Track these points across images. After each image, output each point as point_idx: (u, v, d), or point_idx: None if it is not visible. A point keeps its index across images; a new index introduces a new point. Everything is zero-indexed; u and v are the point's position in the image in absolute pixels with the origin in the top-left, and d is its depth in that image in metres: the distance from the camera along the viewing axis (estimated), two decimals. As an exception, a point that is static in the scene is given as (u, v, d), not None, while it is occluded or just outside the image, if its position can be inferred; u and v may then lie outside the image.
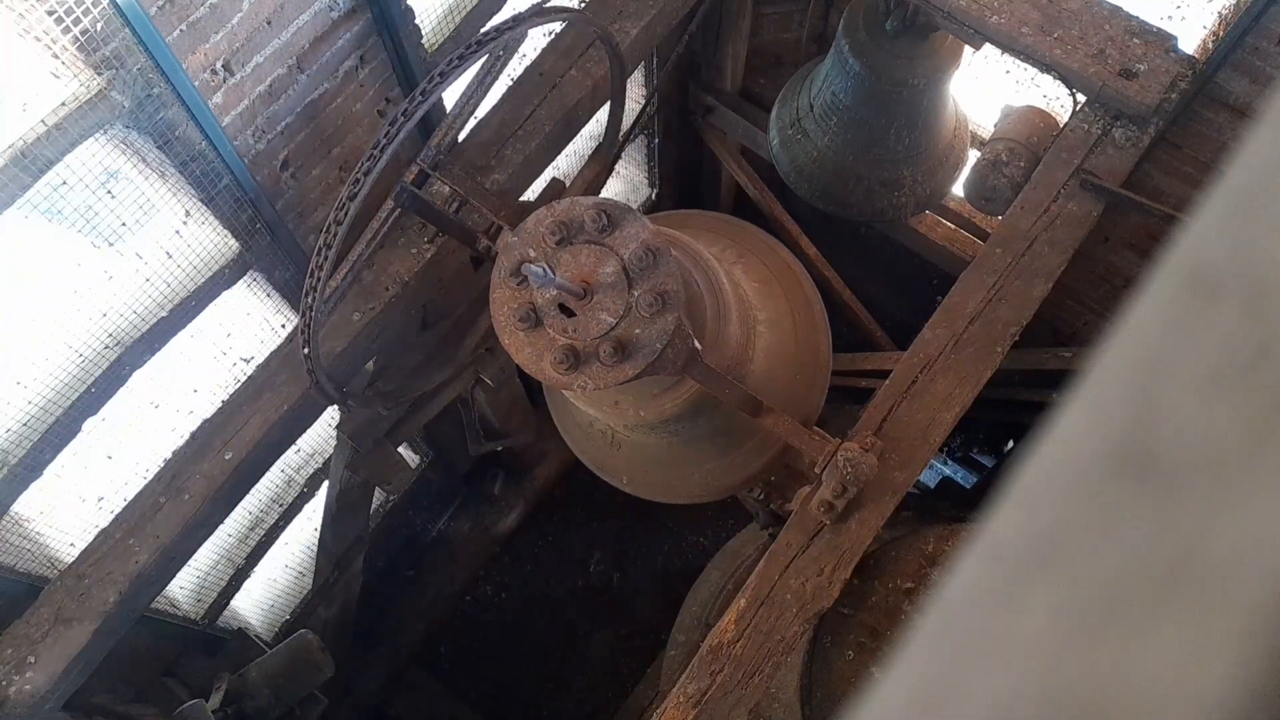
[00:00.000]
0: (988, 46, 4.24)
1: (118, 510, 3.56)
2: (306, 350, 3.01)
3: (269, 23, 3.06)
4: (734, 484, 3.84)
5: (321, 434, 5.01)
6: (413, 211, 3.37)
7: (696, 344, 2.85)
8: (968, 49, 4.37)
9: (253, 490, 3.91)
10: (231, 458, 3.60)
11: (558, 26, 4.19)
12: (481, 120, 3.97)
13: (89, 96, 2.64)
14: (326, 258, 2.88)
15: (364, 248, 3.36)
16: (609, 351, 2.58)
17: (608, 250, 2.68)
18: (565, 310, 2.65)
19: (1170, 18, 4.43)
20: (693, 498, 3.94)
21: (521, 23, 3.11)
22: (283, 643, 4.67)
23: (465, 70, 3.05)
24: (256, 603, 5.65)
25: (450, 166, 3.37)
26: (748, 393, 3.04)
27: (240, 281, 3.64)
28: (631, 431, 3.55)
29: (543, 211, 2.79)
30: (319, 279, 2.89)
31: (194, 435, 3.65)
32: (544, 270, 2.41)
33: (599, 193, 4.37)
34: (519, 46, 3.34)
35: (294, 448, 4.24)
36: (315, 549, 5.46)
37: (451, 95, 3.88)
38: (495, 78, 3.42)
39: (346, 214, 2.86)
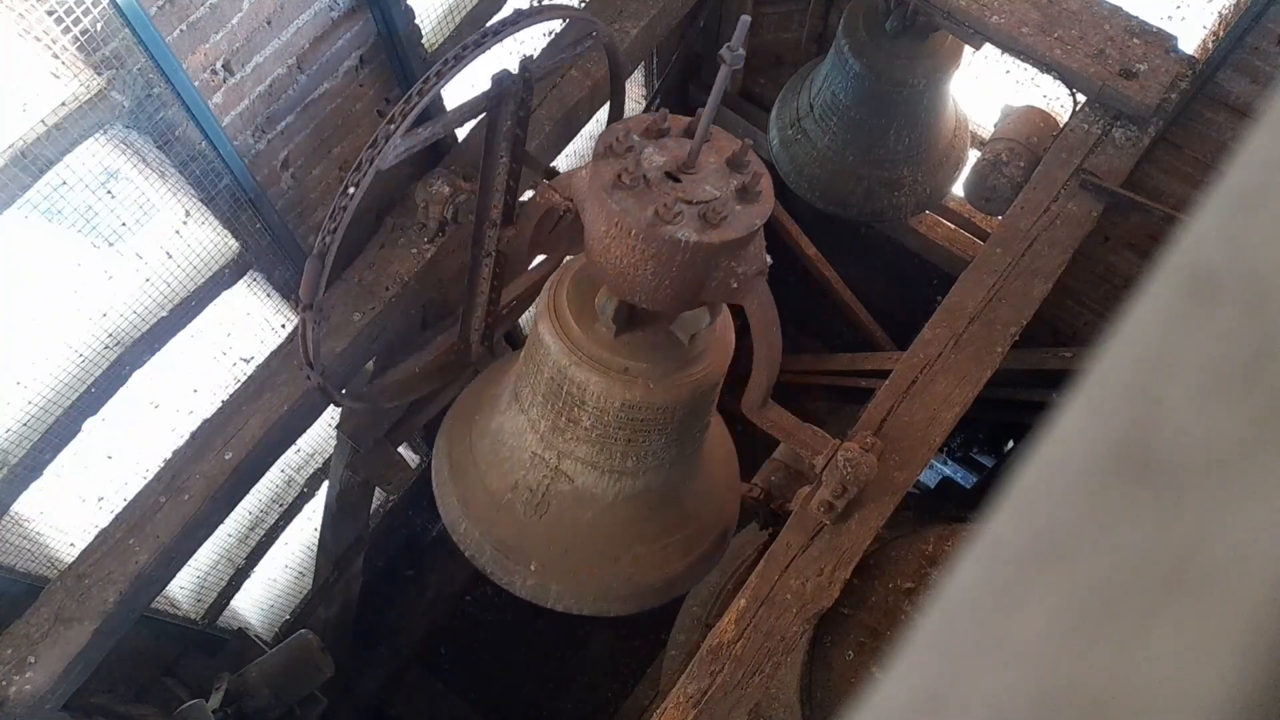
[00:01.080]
0: (988, 46, 4.24)
1: (118, 510, 3.56)
2: (347, 201, 2.77)
3: (269, 23, 3.06)
4: (657, 581, 3.56)
5: (321, 434, 5.00)
6: (499, 103, 3.17)
7: (769, 259, 2.89)
8: (968, 49, 4.37)
9: (253, 490, 3.91)
10: (231, 458, 3.60)
11: (558, 26, 4.19)
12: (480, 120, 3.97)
13: (89, 96, 2.64)
14: (406, 115, 2.75)
15: (438, 126, 3.10)
16: (716, 210, 2.65)
17: (710, 146, 2.79)
18: (672, 177, 2.73)
19: (1170, 18, 4.43)
20: (600, 598, 3.53)
21: (522, 21, 3.10)
22: (283, 643, 4.67)
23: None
24: (256, 603, 5.65)
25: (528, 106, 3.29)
26: (779, 353, 3.04)
27: (240, 281, 3.64)
28: (588, 459, 3.31)
29: (651, 113, 2.89)
30: (394, 131, 2.73)
31: (194, 435, 3.66)
32: (740, 38, 2.40)
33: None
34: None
35: (294, 448, 4.24)
36: (315, 549, 5.46)
37: (454, 93, 3.89)
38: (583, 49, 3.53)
39: (431, 85, 2.76)
